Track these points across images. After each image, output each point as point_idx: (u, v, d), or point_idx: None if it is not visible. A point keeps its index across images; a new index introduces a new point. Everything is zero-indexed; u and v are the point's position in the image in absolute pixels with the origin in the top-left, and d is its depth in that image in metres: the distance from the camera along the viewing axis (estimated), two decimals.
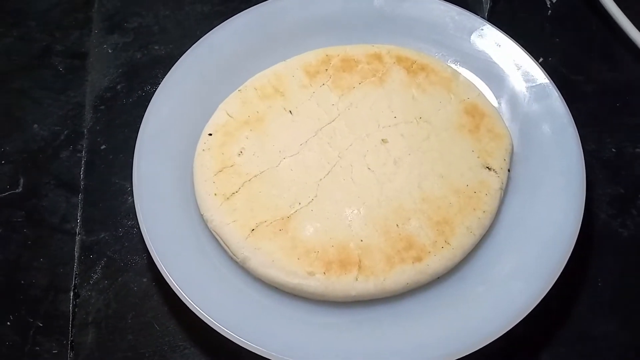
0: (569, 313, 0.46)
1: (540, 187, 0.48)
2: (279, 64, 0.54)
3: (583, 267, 0.47)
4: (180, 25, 0.62)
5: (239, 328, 0.41)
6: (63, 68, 0.59)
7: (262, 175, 0.48)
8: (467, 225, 0.45)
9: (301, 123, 0.51)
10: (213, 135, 0.50)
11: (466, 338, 0.41)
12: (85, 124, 0.56)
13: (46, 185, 0.53)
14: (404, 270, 0.44)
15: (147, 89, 0.58)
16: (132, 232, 0.50)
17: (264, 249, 0.44)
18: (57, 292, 0.48)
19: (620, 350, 0.45)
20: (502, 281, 0.44)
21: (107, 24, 0.62)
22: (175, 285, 0.43)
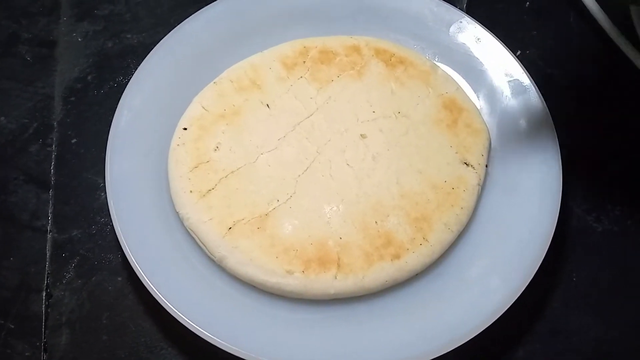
0: (545, 308, 0.47)
1: (517, 183, 0.48)
2: (256, 55, 0.53)
3: (558, 262, 0.48)
4: (154, 13, 0.60)
5: (216, 328, 0.41)
6: (30, 57, 0.57)
7: (239, 171, 0.47)
8: (444, 222, 0.46)
9: (279, 117, 0.50)
10: (188, 129, 0.49)
11: (444, 335, 0.41)
12: (55, 116, 0.54)
13: (15, 181, 0.51)
14: (382, 268, 0.44)
15: (119, 79, 0.56)
16: (105, 230, 0.49)
17: (241, 247, 0.44)
18: (28, 293, 0.46)
19: (595, 345, 0.46)
20: (479, 278, 0.44)
21: (77, 11, 0.60)
22: (151, 285, 0.42)
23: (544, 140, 0.48)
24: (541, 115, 0.49)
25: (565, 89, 0.57)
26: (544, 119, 0.49)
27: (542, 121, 0.49)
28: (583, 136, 0.54)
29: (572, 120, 0.53)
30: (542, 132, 0.49)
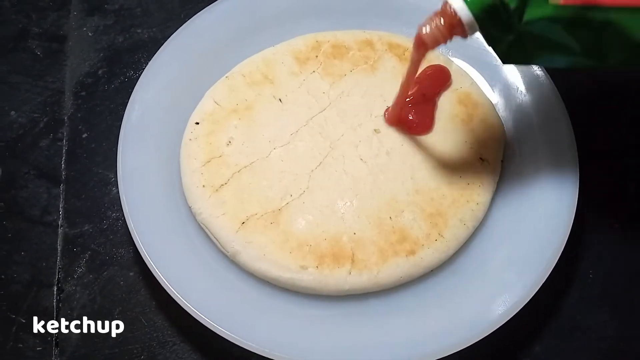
0: (561, 305, 0.46)
1: (533, 179, 0.47)
2: (268, 50, 0.53)
3: (574, 259, 0.47)
4: (164, 8, 0.59)
5: (229, 323, 0.41)
6: (41, 52, 0.57)
7: (251, 166, 0.47)
8: (460, 218, 0.45)
9: (291, 112, 0.49)
10: (200, 124, 0.48)
11: (460, 332, 0.41)
12: (66, 111, 0.54)
13: (26, 176, 0.51)
14: (397, 264, 0.43)
15: (130, 74, 0.56)
16: (117, 225, 0.49)
17: (255, 242, 0.43)
18: (40, 287, 0.46)
19: (611, 341, 0.45)
20: (495, 274, 0.44)
21: (87, 6, 0.60)
22: (163, 279, 0.42)
23: (560, 135, 0.48)
24: (557, 110, 0.49)
25: (581, 84, 0.56)
26: (559, 113, 0.49)
27: (558, 116, 0.49)
28: (600, 131, 0.53)
29: (589, 114, 0.53)
30: (558, 127, 0.48)
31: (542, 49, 0.35)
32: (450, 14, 0.36)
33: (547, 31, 0.34)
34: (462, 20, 0.35)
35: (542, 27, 0.33)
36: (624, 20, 0.32)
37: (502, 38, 0.35)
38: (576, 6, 0.32)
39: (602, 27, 0.32)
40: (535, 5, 0.33)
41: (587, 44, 0.34)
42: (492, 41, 0.36)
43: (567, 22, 0.33)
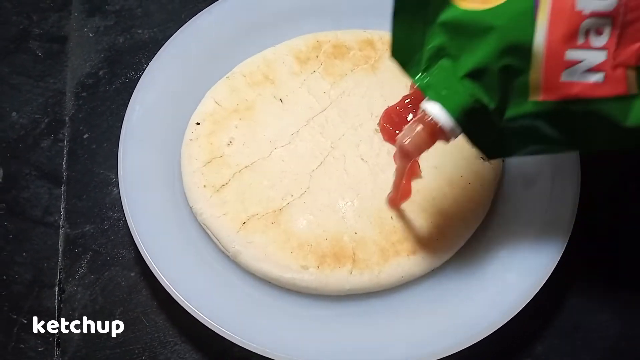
0: (563, 304, 0.46)
1: (534, 178, 0.47)
2: (268, 50, 0.53)
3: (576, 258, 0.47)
4: (165, 8, 0.59)
5: (230, 323, 0.41)
6: (42, 53, 0.57)
7: (252, 166, 0.47)
8: (461, 217, 0.45)
9: (292, 112, 0.49)
10: (201, 124, 0.48)
11: (462, 332, 0.41)
12: (67, 111, 0.54)
13: (27, 176, 0.51)
14: (398, 263, 0.43)
15: (131, 75, 0.56)
16: (118, 225, 0.49)
17: (256, 242, 0.43)
18: (41, 288, 0.46)
19: (612, 341, 0.45)
20: (497, 273, 0.44)
21: (87, 7, 0.60)
22: (164, 279, 0.42)
23: None
24: None
25: None
26: None
27: None
28: None
29: None
30: None
31: (526, 141, 0.35)
32: (430, 122, 0.34)
33: (529, 126, 0.33)
34: (443, 127, 0.34)
35: (524, 122, 0.33)
36: (605, 110, 0.31)
37: (485, 136, 0.34)
38: (557, 101, 0.31)
39: (584, 118, 0.32)
40: (515, 104, 0.32)
41: (570, 133, 0.33)
42: (476, 140, 0.35)
43: (548, 116, 0.32)
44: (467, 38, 0.32)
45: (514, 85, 0.32)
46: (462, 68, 0.32)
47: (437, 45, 0.33)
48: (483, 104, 0.32)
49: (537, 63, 0.31)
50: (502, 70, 0.31)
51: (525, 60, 0.31)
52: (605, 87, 0.31)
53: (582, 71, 0.30)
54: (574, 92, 0.31)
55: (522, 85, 0.31)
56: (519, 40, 0.31)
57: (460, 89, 0.33)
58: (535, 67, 0.31)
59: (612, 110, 0.31)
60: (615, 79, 0.30)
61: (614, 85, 0.31)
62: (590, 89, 0.31)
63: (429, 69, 0.34)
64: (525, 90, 0.32)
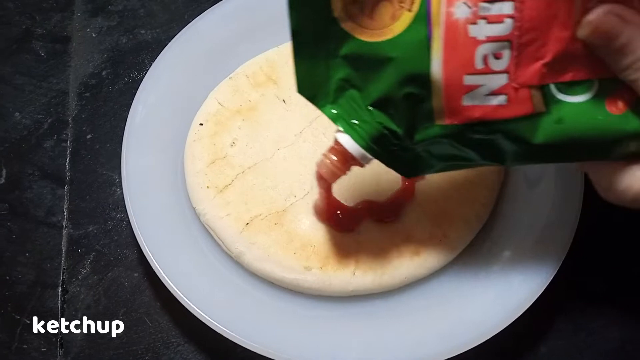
0: (567, 305, 0.46)
1: (538, 178, 0.47)
2: (271, 50, 0.53)
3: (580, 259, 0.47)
4: (168, 9, 0.59)
5: (233, 324, 0.41)
6: (44, 53, 0.57)
7: (255, 167, 0.47)
8: (465, 218, 0.45)
9: (295, 112, 0.49)
10: (204, 124, 0.48)
11: (464, 333, 0.41)
12: (70, 112, 0.54)
13: (30, 177, 0.51)
14: (402, 265, 0.43)
15: (134, 75, 0.56)
16: (121, 225, 0.49)
17: (259, 243, 0.43)
18: (44, 288, 0.46)
19: (616, 343, 0.45)
20: (500, 275, 0.43)
21: (90, 7, 0.60)
22: (168, 280, 0.42)
23: None
24: None
25: None
26: None
27: None
28: None
29: None
30: None
31: (440, 159, 0.35)
32: (342, 150, 0.35)
33: (440, 146, 0.34)
34: (353, 155, 0.35)
35: (435, 144, 0.33)
36: (512, 129, 0.32)
37: (399, 159, 0.35)
38: (462, 124, 0.32)
39: (492, 137, 0.32)
40: (422, 128, 0.33)
41: (481, 152, 0.34)
42: (390, 163, 0.36)
43: (457, 138, 0.33)
44: (369, 69, 0.33)
45: (419, 111, 0.32)
46: (368, 98, 0.33)
47: (342, 77, 0.34)
48: (392, 130, 0.33)
49: (437, 90, 0.31)
50: (405, 98, 0.32)
51: (426, 88, 0.31)
52: (510, 108, 0.31)
53: (484, 95, 0.31)
54: (476, 115, 0.31)
55: (427, 110, 0.32)
56: (416, 70, 0.31)
57: (368, 119, 0.34)
58: (436, 94, 0.31)
59: (519, 130, 0.32)
60: (520, 99, 0.31)
61: (519, 106, 0.31)
62: (494, 111, 0.31)
63: (337, 101, 0.35)
64: (430, 115, 0.32)
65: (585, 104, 0.31)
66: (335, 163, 0.37)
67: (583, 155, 0.33)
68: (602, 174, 0.33)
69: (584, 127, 0.31)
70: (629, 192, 0.32)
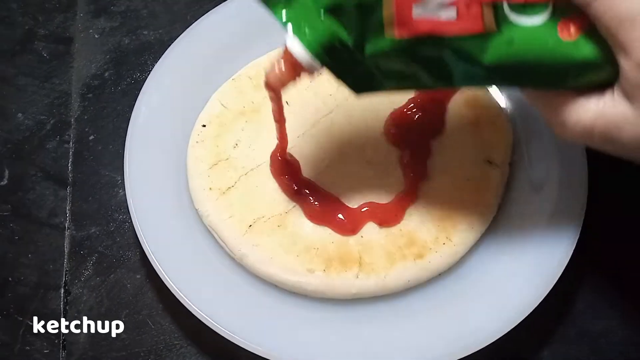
0: (570, 310, 0.46)
1: (542, 181, 0.47)
2: (274, 51, 0.52)
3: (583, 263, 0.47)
4: (170, 10, 0.59)
5: (236, 327, 0.41)
6: (47, 54, 0.57)
7: (258, 168, 0.47)
8: (468, 221, 0.45)
9: (298, 114, 0.49)
10: (207, 126, 0.48)
11: (467, 337, 0.41)
12: (72, 112, 0.54)
13: (32, 178, 0.51)
14: (405, 267, 0.43)
15: (137, 76, 0.56)
16: (124, 227, 0.49)
17: (262, 245, 0.43)
18: (47, 290, 0.46)
19: (620, 347, 0.45)
20: (504, 278, 0.43)
21: (93, 7, 0.60)
22: (170, 282, 0.42)
23: None
24: None
25: None
26: None
27: None
28: None
29: None
30: None
31: (390, 77, 0.35)
32: (291, 57, 0.35)
33: (390, 62, 0.33)
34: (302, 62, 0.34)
35: (385, 58, 0.33)
36: (461, 47, 0.31)
37: (349, 72, 0.35)
38: (411, 38, 0.31)
39: (441, 54, 0.32)
40: (372, 40, 0.32)
41: (430, 70, 0.33)
42: (339, 76, 0.35)
43: (406, 53, 0.32)
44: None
45: (369, 22, 0.32)
46: (321, 3, 0.33)
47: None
48: (342, 40, 0.33)
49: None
50: (358, 7, 0.32)
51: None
52: (459, 24, 0.31)
53: (434, 6, 0.31)
54: (425, 29, 0.31)
55: (377, 21, 0.32)
56: None
57: (319, 26, 0.33)
58: (387, 3, 0.31)
59: (468, 48, 0.31)
60: (470, 16, 0.30)
61: (469, 23, 0.30)
62: (443, 25, 0.31)
63: (290, 3, 0.34)
64: (380, 26, 0.32)
65: (536, 28, 0.30)
66: (282, 70, 0.36)
67: (533, 81, 0.32)
68: (552, 106, 0.32)
69: (534, 51, 0.30)
70: (577, 125, 0.31)
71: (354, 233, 0.44)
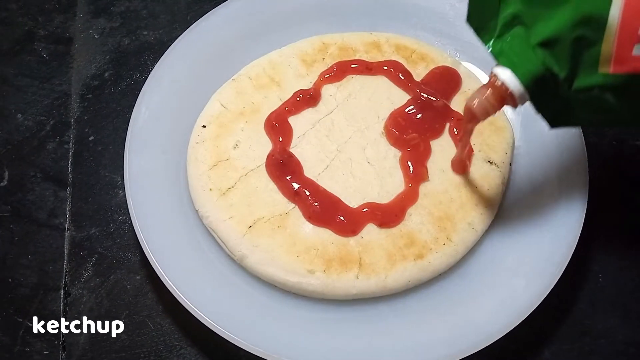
0: (571, 310, 0.46)
1: (542, 181, 0.47)
2: (274, 52, 0.52)
3: (584, 263, 0.47)
4: (170, 10, 0.59)
5: (236, 327, 0.40)
6: (47, 54, 0.57)
7: (258, 169, 0.46)
8: (468, 221, 0.45)
9: (298, 115, 0.49)
10: (207, 127, 0.48)
11: (468, 337, 0.41)
12: (72, 113, 0.54)
13: (32, 179, 0.51)
14: (405, 268, 0.43)
15: (136, 77, 0.56)
16: (123, 228, 0.49)
17: (262, 246, 0.43)
18: (46, 291, 0.46)
19: (621, 346, 0.45)
20: (504, 278, 0.43)
21: (93, 8, 0.60)
22: (170, 283, 0.42)
23: (569, 138, 0.47)
24: None
25: None
26: None
27: None
28: (610, 134, 0.53)
29: None
30: (568, 130, 0.48)
31: (590, 113, 0.35)
32: (500, 87, 0.35)
33: (596, 98, 0.34)
34: (512, 92, 0.35)
35: (592, 94, 0.33)
36: None
37: (552, 105, 0.35)
38: (626, 74, 0.32)
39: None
40: (584, 74, 0.33)
41: (635, 108, 0.34)
42: (542, 108, 0.36)
43: (616, 89, 0.33)
44: (542, 7, 0.33)
45: (585, 56, 0.32)
46: (536, 36, 0.33)
47: (512, 12, 0.34)
48: (553, 72, 0.33)
49: (610, 35, 0.31)
50: (575, 41, 0.32)
51: (599, 32, 0.32)
52: None
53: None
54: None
55: (594, 56, 0.32)
56: (594, 11, 0.31)
57: (532, 57, 0.34)
58: (608, 39, 0.32)
59: None
60: None
61: None
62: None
63: (502, 36, 0.35)
64: (595, 61, 0.32)
65: None
66: (490, 100, 0.36)
67: None
68: None
69: None
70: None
71: (354, 234, 0.44)
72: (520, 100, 0.35)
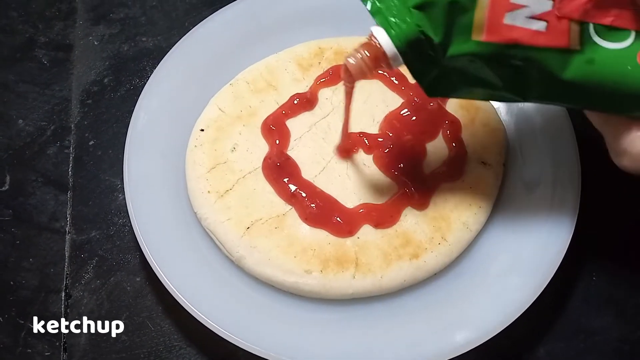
0: (565, 307, 0.46)
1: (535, 181, 0.47)
2: (271, 57, 0.53)
3: (578, 261, 0.47)
4: (168, 16, 0.60)
5: (235, 327, 0.41)
6: (47, 61, 0.58)
7: (256, 171, 0.47)
8: (463, 221, 0.45)
9: (295, 118, 0.50)
10: (205, 130, 0.49)
11: (463, 335, 0.41)
12: (72, 118, 0.55)
13: (33, 183, 0.51)
14: (401, 268, 0.43)
15: (135, 82, 0.56)
16: (123, 231, 0.49)
17: (259, 247, 0.44)
18: (47, 293, 0.47)
19: (616, 344, 0.45)
20: (498, 277, 0.44)
21: (92, 15, 0.60)
22: (170, 284, 0.42)
23: (561, 137, 0.48)
24: (558, 112, 0.49)
25: None
26: (561, 115, 0.49)
27: (560, 119, 0.49)
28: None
29: None
30: (560, 129, 0.48)
31: (465, 82, 0.35)
32: (375, 47, 0.35)
33: (470, 66, 0.34)
34: (386, 53, 0.35)
35: (465, 62, 0.34)
36: (544, 59, 0.32)
37: (427, 72, 0.35)
38: (498, 44, 0.32)
39: (522, 64, 0.33)
40: (458, 41, 0.33)
41: (508, 79, 0.34)
42: (417, 74, 0.35)
43: (489, 58, 0.33)
44: None
45: (458, 22, 0.33)
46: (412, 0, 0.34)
47: None
48: (428, 36, 0.33)
49: (482, 1, 0.32)
50: (449, 5, 0.32)
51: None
52: (547, 36, 0.32)
53: (525, 16, 0.32)
54: (514, 36, 0.32)
55: (467, 23, 0.32)
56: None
57: (407, 19, 0.34)
58: (481, 6, 0.32)
59: (550, 61, 0.32)
60: (558, 30, 0.31)
61: (556, 37, 0.32)
62: (531, 36, 0.32)
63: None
64: (469, 28, 0.32)
65: (617, 51, 0.31)
66: (365, 59, 0.36)
67: (604, 104, 0.33)
68: (617, 133, 0.33)
69: (612, 74, 0.32)
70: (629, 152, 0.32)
71: (350, 234, 0.45)
72: (394, 63, 0.35)
